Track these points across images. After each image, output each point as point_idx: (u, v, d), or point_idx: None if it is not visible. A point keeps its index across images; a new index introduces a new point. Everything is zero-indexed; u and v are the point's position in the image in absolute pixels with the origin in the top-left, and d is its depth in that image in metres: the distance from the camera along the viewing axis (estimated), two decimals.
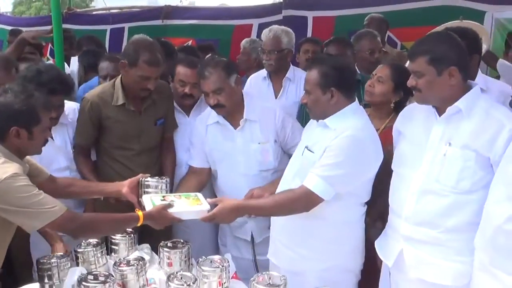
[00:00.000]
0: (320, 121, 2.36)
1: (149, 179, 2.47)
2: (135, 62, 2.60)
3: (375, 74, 2.68)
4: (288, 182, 2.40)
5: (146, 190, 2.44)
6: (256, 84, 3.61)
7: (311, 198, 2.20)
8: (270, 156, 2.73)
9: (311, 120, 2.53)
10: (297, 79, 3.47)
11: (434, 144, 2.09)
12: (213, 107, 2.68)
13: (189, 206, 2.29)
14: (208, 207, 2.28)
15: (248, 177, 2.72)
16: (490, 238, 1.90)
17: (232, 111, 2.71)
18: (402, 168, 2.23)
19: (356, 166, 2.23)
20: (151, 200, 2.26)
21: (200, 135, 2.86)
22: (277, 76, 3.52)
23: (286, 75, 3.48)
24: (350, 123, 2.27)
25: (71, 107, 2.88)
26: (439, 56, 2.01)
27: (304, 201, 2.23)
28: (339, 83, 2.29)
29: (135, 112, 2.76)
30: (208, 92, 2.63)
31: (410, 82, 2.10)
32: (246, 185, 2.69)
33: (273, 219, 2.54)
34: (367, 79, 2.79)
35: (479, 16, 3.97)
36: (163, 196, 2.33)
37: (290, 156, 2.63)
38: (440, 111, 2.11)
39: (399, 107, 2.61)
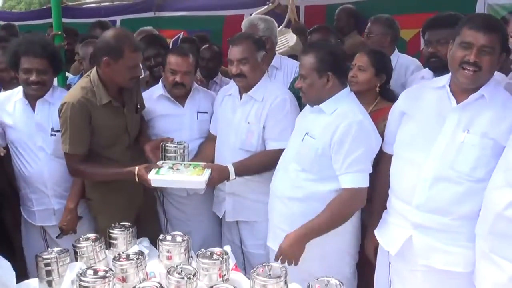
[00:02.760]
0: (314, 106, 2.39)
1: (169, 143, 2.72)
2: (120, 54, 2.53)
3: (355, 64, 2.68)
4: (285, 167, 2.45)
5: (166, 154, 2.70)
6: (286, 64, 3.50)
7: (361, 193, 2.31)
8: (254, 139, 2.71)
9: (304, 108, 2.56)
10: (283, 67, 3.42)
11: (449, 130, 2.05)
12: (235, 76, 2.69)
13: (186, 176, 2.48)
14: (205, 179, 2.46)
15: (232, 151, 2.74)
16: (491, 225, 1.88)
17: (250, 85, 2.72)
18: (410, 152, 2.17)
19: (368, 145, 2.31)
20: (158, 169, 2.52)
21: (218, 103, 2.97)
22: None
23: (272, 63, 3.34)
24: (345, 108, 2.33)
25: (60, 90, 2.90)
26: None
27: (354, 200, 2.32)
28: (334, 68, 2.33)
29: (119, 108, 2.69)
30: (233, 60, 2.67)
31: (474, 57, 1.95)
32: (230, 159, 2.72)
33: (271, 207, 2.56)
34: None
35: (471, 2, 3.95)
36: (174, 164, 2.56)
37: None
38: (459, 97, 2.05)
39: (383, 89, 2.72)
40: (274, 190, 2.53)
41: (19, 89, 2.84)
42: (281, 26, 4.59)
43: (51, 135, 2.78)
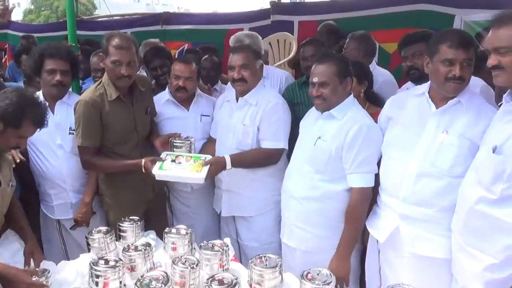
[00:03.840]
0: (325, 113, 2.41)
1: (177, 139, 2.75)
2: (107, 49, 2.56)
3: None
4: (299, 169, 2.46)
5: (174, 149, 2.70)
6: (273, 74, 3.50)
7: (368, 192, 2.31)
8: (249, 139, 2.72)
9: (308, 115, 2.59)
10: (270, 76, 3.44)
11: (431, 132, 2.10)
12: (236, 81, 2.69)
13: (186, 172, 2.49)
14: (203, 176, 2.46)
15: (230, 151, 2.71)
16: (464, 219, 1.91)
17: (249, 89, 2.72)
18: (396, 152, 2.22)
19: (375, 147, 2.31)
20: (161, 163, 2.53)
21: (217, 108, 2.97)
22: None
23: None
24: (354, 113, 2.38)
25: (75, 95, 2.89)
26: None
27: (364, 199, 2.31)
28: (350, 74, 2.39)
29: (129, 104, 2.69)
30: (235, 66, 2.67)
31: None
32: None
33: (285, 206, 2.57)
34: None
35: (449, 19, 3.95)
36: (176, 157, 2.56)
37: None
38: (437, 102, 2.11)
39: (368, 95, 2.77)
40: (288, 190, 2.53)
41: (37, 94, 2.82)
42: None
43: (69, 133, 2.77)
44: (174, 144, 2.73)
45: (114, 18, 7.02)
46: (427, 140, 2.10)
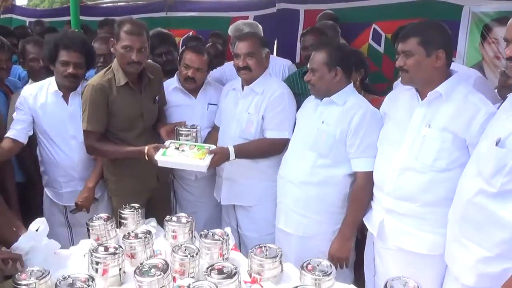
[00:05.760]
0: (325, 99, 2.42)
1: (182, 127, 2.71)
2: (118, 35, 2.53)
3: None
4: (299, 154, 2.47)
5: (179, 137, 2.68)
6: (231, 71, 3.36)
7: (371, 176, 2.30)
8: (253, 128, 2.70)
9: (307, 102, 2.59)
10: (272, 65, 3.31)
11: (415, 125, 2.09)
12: (241, 69, 2.66)
13: (190, 159, 2.45)
14: (206, 163, 2.43)
15: (233, 140, 2.71)
16: (461, 211, 1.89)
17: (254, 78, 2.70)
18: (385, 146, 2.23)
19: (378, 132, 2.33)
20: (165, 150, 2.49)
21: (223, 96, 2.94)
22: None
23: None
24: (355, 100, 2.41)
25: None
26: (430, 39, 1.99)
27: (368, 183, 2.31)
28: (342, 64, 2.37)
29: (136, 92, 2.67)
30: (240, 54, 2.64)
31: (399, 62, 2.08)
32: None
33: (282, 192, 2.57)
34: None
35: (457, 10, 3.89)
36: (180, 145, 2.53)
37: None
38: (422, 95, 2.10)
39: (363, 84, 2.87)
40: (286, 175, 2.53)
41: (50, 81, 2.80)
42: None
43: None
44: (180, 132, 2.70)
45: (119, 3, 6.96)
46: (412, 134, 2.10)
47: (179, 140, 2.66)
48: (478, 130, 1.91)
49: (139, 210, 2.31)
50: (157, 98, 2.80)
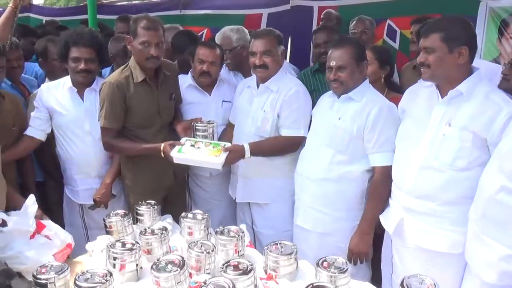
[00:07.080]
0: (342, 96, 2.41)
1: (199, 123, 2.71)
2: (135, 31, 2.54)
3: None
4: (317, 151, 2.47)
5: (196, 133, 2.68)
6: (229, 75, 3.39)
7: (390, 171, 2.29)
8: (268, 126, 2.69)
9: (322, 100, 2.59)
10: None
11: (435, 124, 2.06)
12: (257, 67, 2.65)
13: (205, 156, 2.46)
14: (221, 161, 2.43)
15: (248, 137, 2.71)
16: (483, 208, 1.87)
17: (270, 75, 2.69)
18: (404, 143, 2.21)
19: (395, 127, 2.32)
20: (180, 147, 2.50)
21: (237, 94, 2.94)
22: (244, 71, 3.31)
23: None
24: (372, 95, 2.41)
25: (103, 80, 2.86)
26: (453, 35, 1.96)
27: (386, 177, 2.30)
28: (365, 58, 2.41)
29: (153, 88, 2.68)
30: (256, 52, 2.63)
31: (420, 58, 2.04)
32: None
33: (300, 189, 2.58)
34: None
35: (474, 4, 3.82)
36: (195, 142, 2.53)
37: None
38: (443, 92, 2.06)
39: (389, 81, 2.86)
40: (303, 172, 2.54)
41: (66, 79, 2.84)
42: None
43: (98, 120, 2.77)
44: (196, 127, 2.71)
45: (134, 2, 7.02)
46: (431, 132, 2.07)
47: (196, 136, 2.67)
48: (500, 130, 1.89)
49: (155, 206, 2.32)
50: (173, 95, 2.81)
